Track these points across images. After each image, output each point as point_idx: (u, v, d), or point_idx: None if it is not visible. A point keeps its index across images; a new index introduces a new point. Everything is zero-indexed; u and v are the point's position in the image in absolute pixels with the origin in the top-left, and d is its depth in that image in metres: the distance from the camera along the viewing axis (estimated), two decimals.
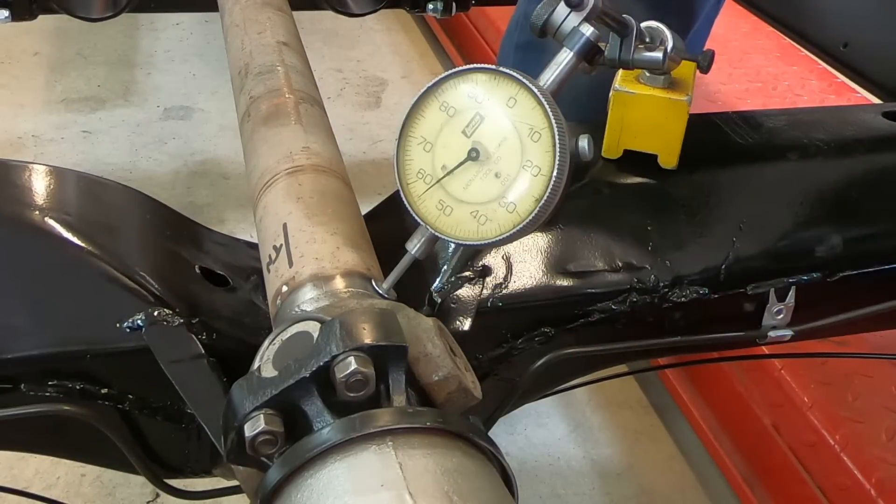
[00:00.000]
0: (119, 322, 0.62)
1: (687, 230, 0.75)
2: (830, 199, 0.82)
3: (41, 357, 0.61)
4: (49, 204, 0.68)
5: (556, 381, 0.78)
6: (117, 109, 2.53)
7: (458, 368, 0.50)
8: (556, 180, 0.53)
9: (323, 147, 0.71)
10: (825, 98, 1.95)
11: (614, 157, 0.80)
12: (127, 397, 0.63)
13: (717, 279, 0.73)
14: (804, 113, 0.92)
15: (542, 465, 1.62)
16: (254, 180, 0.70)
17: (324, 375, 0.46)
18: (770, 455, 1.39)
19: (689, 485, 1.60)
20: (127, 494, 1.49)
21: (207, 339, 0.63)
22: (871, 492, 1.21)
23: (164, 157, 2.35)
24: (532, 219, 0.53)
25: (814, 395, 1.33)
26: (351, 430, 0.44)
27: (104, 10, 1.40)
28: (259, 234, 0.65)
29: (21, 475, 1.49)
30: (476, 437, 0.46)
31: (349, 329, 0.47)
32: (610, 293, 0.70)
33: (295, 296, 0.57)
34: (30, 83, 2.61)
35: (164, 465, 0.68)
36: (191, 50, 2.86)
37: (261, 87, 0.79)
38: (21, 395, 0.60)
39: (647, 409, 1.74)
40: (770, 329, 0.75)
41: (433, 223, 0.56)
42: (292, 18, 0.97)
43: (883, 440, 1.26)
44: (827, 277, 0.75)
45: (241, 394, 0.47)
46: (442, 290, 0.66)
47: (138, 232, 0.71)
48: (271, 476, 0.45)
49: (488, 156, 0.54)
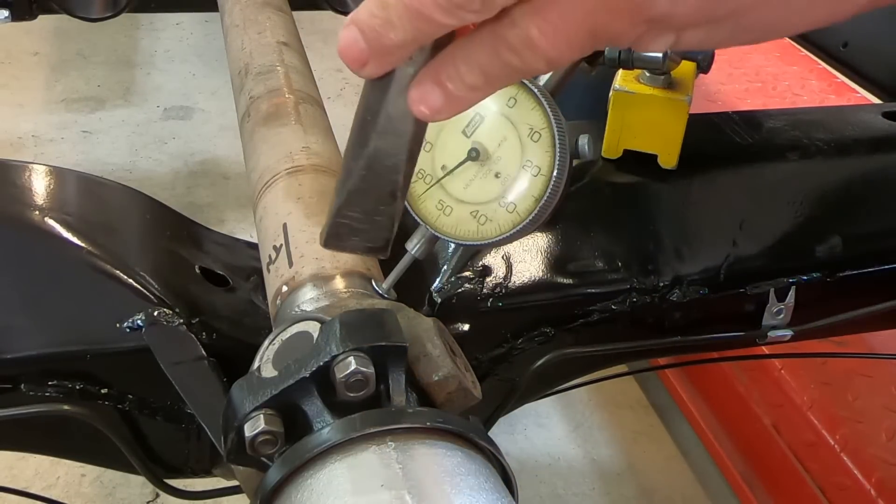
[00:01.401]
0: (119, 322, 0.62)
1: (687, 230, 0.76)
2: (830, 199, 0.82)
3: (41, 357, 0.61)
4: (49, 204, 0.68)
5: (556, 381, 0.78)
6: (117, 109, 2.53)
7: (458, 368, 0.50)
8: (556, 180, 0.53)
9: (323, 147, 0.71)
10: (825, 98, 1.95)
11: (614, 157, 0.80)
12: (127, 397, 0.64)
13: (717, 279, 0.73)
14: (804, 113, 0.92)
15: (542, 465, 1.62)
16: (254, 180, 0.70)
17: (324, 375, 0.46)
18: (770, 455, 1.39)
19: (689, 485, 1.60)
20: (127, 494, 1.49)
21: (207, 339, 0.63)
22: (871, 492, 1.21)
23: (164, 157, 2.35)
24: (532, 219, 0.53)
25: (814, 395, 1.33)
26: (351, 430, 0.44)
27: (104, 10, 1.40)
28: (259, 234, 0.65)
29: (21, 475, 1.49)
30: (476, 437, 0.46)
31: (349, 329, 0.47)
32: (610, 293, 0.70)
33: (295, 296, 0.57)
34: (30, 83, 2.62)
35: (164, 465, 0.68)
36: (191, 50, 2.86)
37: (261, 87, 0.79)
38: (21, 395, 0.60)
39: (647, 409, 1.74)
40: (770, 329, 0.75)
41: (433, 223, 0.56)
42: (292, 18, 0.97)
43: (883, 440, 1.26)
44: (827, 277, 0.75)
45: (241, 394, 0.47)
46: (442, 290, 0.66)
47: (138, 232, 0.71)
48: (271, 476, 0.45)
49: (488, 156, 0.54)
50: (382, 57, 0.37)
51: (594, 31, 0.34)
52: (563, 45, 0.34)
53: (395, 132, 0.42)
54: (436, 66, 0.37)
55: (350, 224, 0.46)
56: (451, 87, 0.37)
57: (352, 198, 0.45)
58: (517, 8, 0.34)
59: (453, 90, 0.37)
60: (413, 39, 0.36)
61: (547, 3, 0.34)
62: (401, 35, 0.36)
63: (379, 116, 0.41)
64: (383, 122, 0.41)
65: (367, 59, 0.37)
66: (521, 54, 0.35)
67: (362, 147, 0.43)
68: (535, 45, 0.34)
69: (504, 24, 0.34)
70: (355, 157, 0.44)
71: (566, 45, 0.34)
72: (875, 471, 1.22)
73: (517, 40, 0.34)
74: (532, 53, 0.35)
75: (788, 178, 0.83)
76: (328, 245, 0.48)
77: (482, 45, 0.35)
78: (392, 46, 0.36)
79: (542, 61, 0.35)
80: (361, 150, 0.43)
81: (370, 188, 0.44)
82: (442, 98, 0.37)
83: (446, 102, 0.37)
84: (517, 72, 0.36)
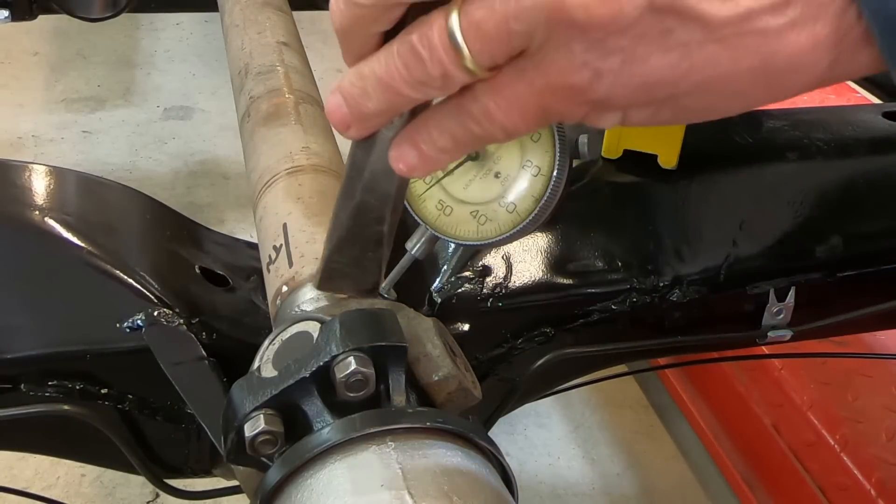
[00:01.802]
0: (119, 322, 0.62)
1: (687, 230, 0.75)
2: (830, 199, 0.82)
3: (41, 357, 0.61)
4: (49, 204, 0.68)
5: (556, 381, 0.78)
6: (117, 109, 2.53)
7: (458, 368, 0.50)
8: (556, 180, 0.53)
9: (323, 147, 0.71)
10: (825, 98, 1.95)
11: (614, 157, 0.80)
12: (127, 397, 0.64)
13: (717, 279, 0.73)
14: (804, 113, 0.92)
15: (542, 465, 1.62)
16: (254, 180, 0.70)
17: (324, 375, 0.46)
18: (770, 455, 1.39)
19: (689, 485, 1.60)
20: (127, 494, 1.49)
21: (207, 339, 0.63)
22: (871, 492, 1.21)
23: (164, 157, 2.35)
24: (532, 219, 0.53)
25: (814, 395, 1.33)
26: (351, 430, 0.44)
27: (104, 10, 1.40)
28: (259, 234, 0.65)
29: (21, 475, 1.49)
30: (476, 437, 0.46)
31: (349, 329, 0.47)
32: (610, 293, 0.70)
33: (295, 296, 0.57)
34: (30, 83, 2.61)
35: (164, 465, 0.68)
36: (191, 50, 2.86)
37: (261, 87, 0.79)
38: (21, 395, 0.60)
39: (647, 409, 1.74)
40: (770, 329, 0.75)
41: (433, 223, 0.56)
42: (292, 18, 0.97)
43: (883, 440, 1.26)
44: (827, 277, 0.75)
45: (241, 394, 0.47)
46: (442, 290, 0.66)
47: (138, 232, 0.71)
48: (271, 476, 0.45)
49: (488, 156, 0.54)
50: (362, 122, 0.42)
51: (544, 109, 0.38)
52: (518, 119, 0.39)
53: (379, 188, 0.47)
54: (412, 130, 0.42)
55: (340, 268, 0.51)
56: (425, 148, 0.41)
57: (341, 245, 0.50)
58: (479, 85, 0.38)
59: (426, 151, 0.41)
60: (388, 109, 0.41)
61: (502, 84, 0.38)
62: (376, 105, 0.40)
63: (364, 174, 0.46)
64: (367, 178, 0.46)
65: (350, 123, 0.42)
66: (481, 124, 0.39)
67: (349, 200, 0.48)
68: (492, 117, 0.39)
69: (467, 98, 0.39)
70: (343, 209, 0.48)
71: (520, 119, 0.39)
72: (875, 471, 1.22)
73: (478, 112, 0.39)
74: (490, 124, 0.39)
75: (788, 178, 0.83)
76: (322, 288, 0.53)
77: (450, 114, 0.40)
78: (369, 114, 0.41)
79: (500, 131, 0.39)
80: (349, 202, 0.48)
81: (357, 237, 0.49)
82: (417, 157, 0.42)
83: (421, 162, 0.42)
84: (479, 139, 0.40)
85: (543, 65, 0.36)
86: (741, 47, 0.34)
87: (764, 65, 0.35)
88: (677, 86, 0.36)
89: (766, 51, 0.34)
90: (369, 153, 0.45)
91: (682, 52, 0.35)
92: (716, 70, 0.35)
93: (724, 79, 0.36)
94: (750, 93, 0.36)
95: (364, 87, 0.40)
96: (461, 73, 0.37)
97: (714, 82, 0.36)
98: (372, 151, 0.45)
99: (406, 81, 0.38)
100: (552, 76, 0.36)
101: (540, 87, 0.37)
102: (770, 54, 0.34)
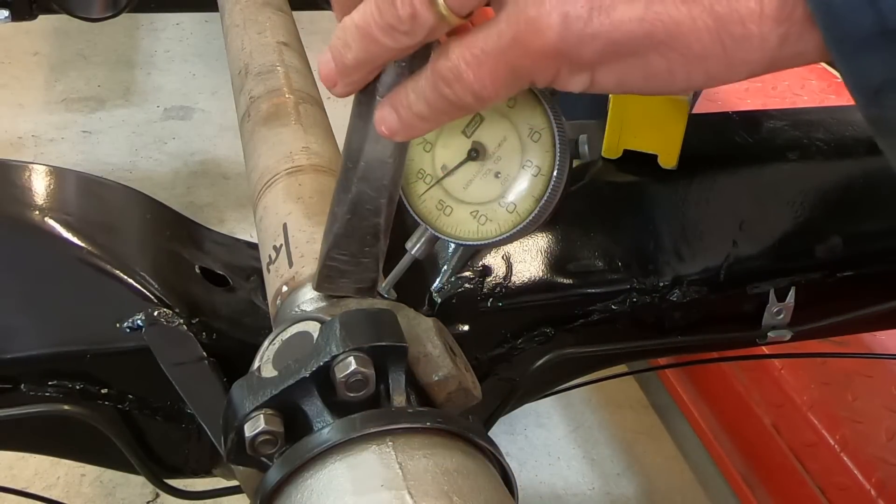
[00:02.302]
0: (119, 322, 0.62)
1: (687, 230, 0.75)
2: (830, 199, 0.82)
3: (41, 357, 0.61)
4: (49, 204, 0.68)
5: (556, 381, 0.78)
6: (117, 109, 2.53)
7: (458, 368, 0.50)
8: (556, 180, 0.53)
9: (323, 147, 0.71)
10: (825, 98, 1.95)
11: (614, 157, 0.80)
12: (127, 397, 0.64)
13: (717, 279, 0.73)
14: (804, 113, 0.92)
15: (542, 465, 1.62)
16: (254, 180, 0.70)
17: (324, 375, 0.46)
18: (770, 455, 1.39)
19: (689, 485, 1.60)
20: (127, 494, 1.49)
21: (207, 339, 0.63)
22: (871, 492, 1.21)
23: (164, 157, 2.35)
24: (532, 219, 0.53)
25: (814, 395, 1.33)
26: (351, 430, 0.44)
27: (104, 10, 1.40)
28: (259, 234, 0.65)
29: (21, 475, 1.49)
30: (476, 437, 0.46)
31: (349, 329, 0.47)
32: (610, 293, 0.70)
33: (295, 296, 0.57)
34: (30, 83, 2.62)
35: (164, 465, 0.68)
36: (191, 50, 2.86)
37: (261, 87, 0.79)
38: (21, 395, 0.60)
39: (647, 409, 1.74)
40: (770, 329, 0.75)
41: (433, 223, 0.56)
42: (292, 18, 0.97)
43: (883, 440, 1.26)
44: (827, 277, 0.75)
45: (241, 394, 0.47)
46: (442, 290, 0.66)
47: (138, 232, 0.71)
48: (271, 476, 0.45)
49: (488, 156, 0.54)
50: (345, 76, 0.43)
51: (514, 69, 0.39)
52: (488, 80, 0.39)
53: (374, 177, 0.48)
54: (393, 95, 0.43)
55: (338, 267, 0.52)
56: (403, 112, 0.43)
57: (338, 241, 0.51)
58: (452, 41, 0.39)
59: (405, 115, 0.43)
60: (365, 58, 0.42)
61: (472, 40, 0.39)
62: (354, 54, 0.41)
63: (359, 163, 0.47)
64: (363, 168, 0.47)
65: (335, 77, 0.43)
66: (452, 86, 0.40)
67: (346, 193, 0.49)
68: (462, 77, 0.40)
69: (441, 59, 0.40)
70: (339, 203, 0.49)
71: (490, 81, 0.39)
72: (875, 471, 1.22)
73: (448, 72, 0.40)
74: (461, 86, 0.40)
75: (788, 178, 0.83)
76: (320, 288, 0.54)
77: (426, 79, 0.41)
78: (350, 66, 0.42)
79: (470, 95, 0.40)
80: (345, 195, 0.49)
81: (354, 230, 0.50)
82: (397, 121, 0.43)
83: (401, 126, 0.43)
84: (452, 105, 0.41)
85: (513, 14, 0.38)
86: (698, 3, 0.36)
87: (718, 26, 0.36)
88: (642, 41, 0.37)
89: (719, 10, 0.36)
90: (363, 143, 0.46)
91: (644, 2, 0.36)
92: (677, 27, 0.36)
93: (684, 37, 0.37)
94: (710, 59, 0.37)
95: (345, 37, 0.41)
96: (430, 13, 0.38)
97: (676, 40, 0.37)
98: (365, 140, 0.46)
99: (378, 26, 0.40)
100: (521, 25, 0.38)
101: (509, 40, 0.38)
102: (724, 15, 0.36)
